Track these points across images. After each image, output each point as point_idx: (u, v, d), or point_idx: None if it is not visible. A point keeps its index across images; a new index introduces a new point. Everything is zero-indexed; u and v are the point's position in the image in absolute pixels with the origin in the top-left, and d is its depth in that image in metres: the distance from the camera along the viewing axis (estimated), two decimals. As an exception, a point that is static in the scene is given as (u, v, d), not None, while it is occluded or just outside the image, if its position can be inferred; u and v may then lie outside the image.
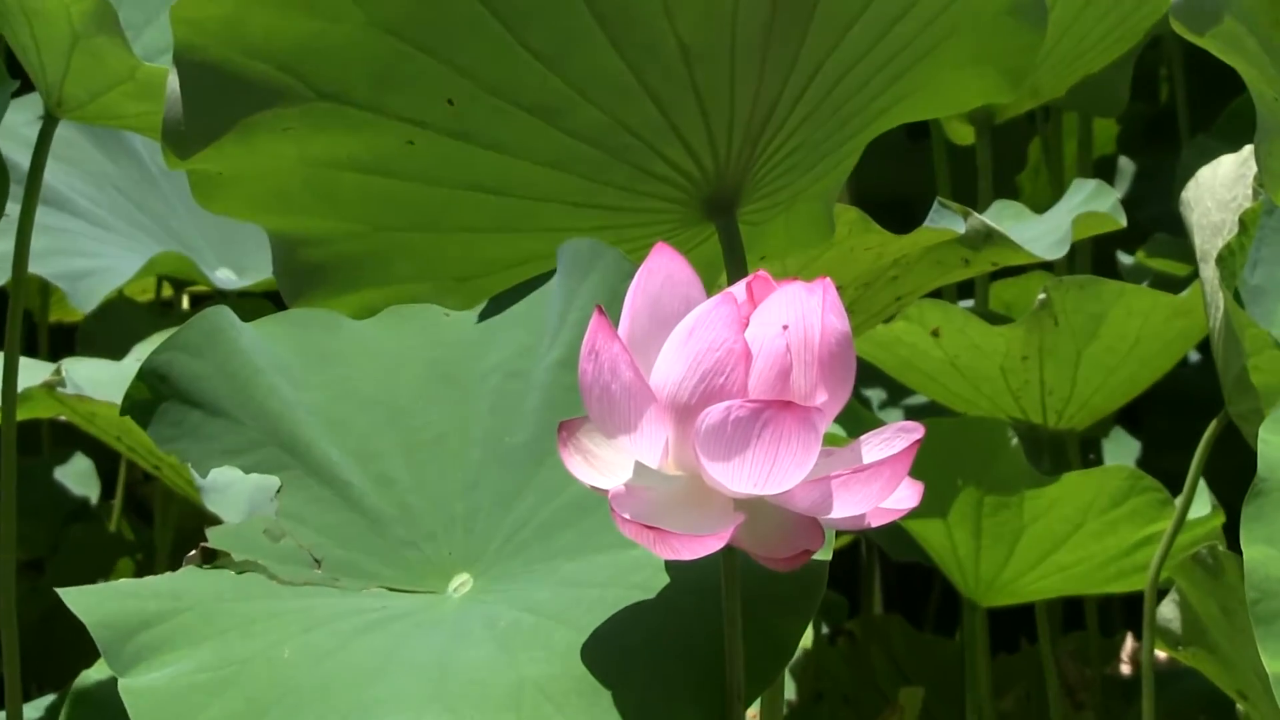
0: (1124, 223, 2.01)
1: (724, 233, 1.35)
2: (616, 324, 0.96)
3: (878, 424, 2.17)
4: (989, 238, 1.78)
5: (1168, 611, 1.75)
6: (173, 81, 1.31)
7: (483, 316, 1.22)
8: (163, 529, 2.59)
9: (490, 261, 1.43)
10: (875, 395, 2.69)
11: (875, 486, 0.93)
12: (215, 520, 1.71)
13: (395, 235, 1.41)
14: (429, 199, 1.38)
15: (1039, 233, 2.00)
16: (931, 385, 2.25)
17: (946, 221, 1.77)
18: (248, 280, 2.60)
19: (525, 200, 1.38)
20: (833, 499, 0.93)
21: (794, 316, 0.93)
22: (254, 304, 2.71)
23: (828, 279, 0.95)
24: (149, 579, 1.08)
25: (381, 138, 1.33)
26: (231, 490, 1.75)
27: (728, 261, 1.34)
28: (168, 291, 3.04)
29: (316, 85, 1.30)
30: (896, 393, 2.67)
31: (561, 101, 1.31)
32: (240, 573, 1.10)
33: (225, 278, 2.60)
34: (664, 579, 1.04)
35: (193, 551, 1.10)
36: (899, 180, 3.18)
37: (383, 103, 1.31)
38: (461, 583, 1.09)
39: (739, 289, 0.96)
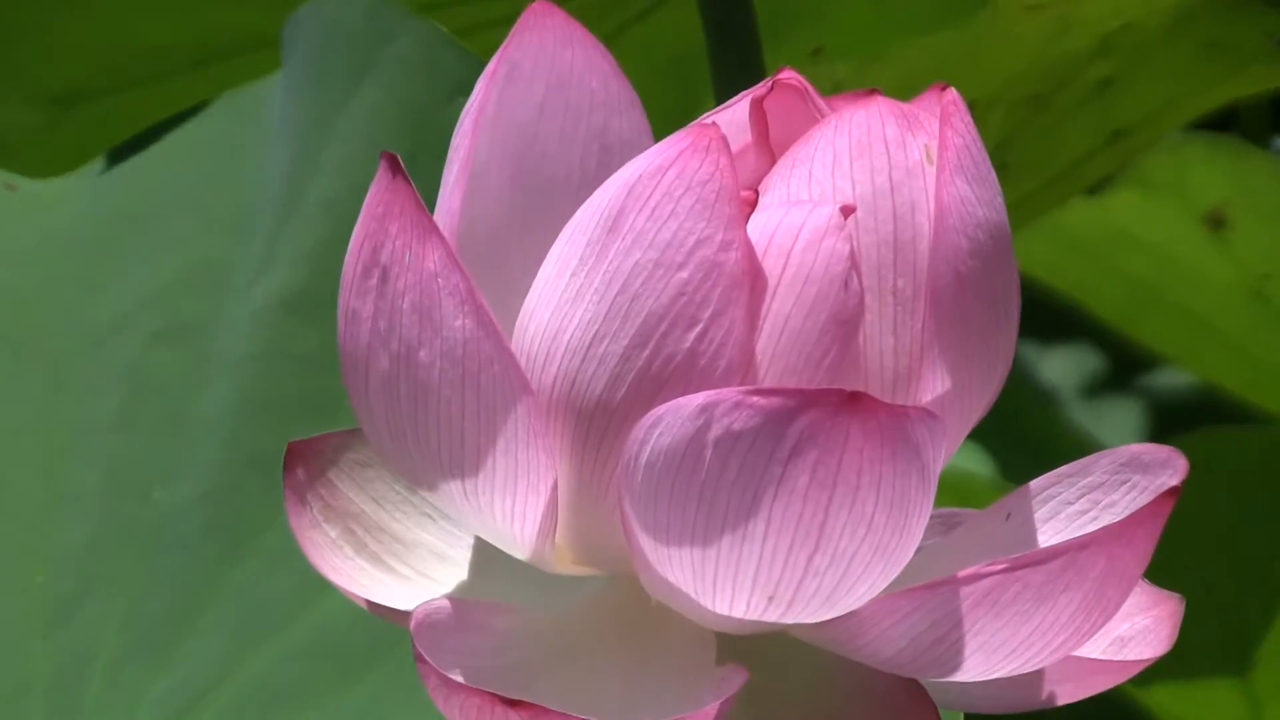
0: None
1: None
2: (431, 204, 0.98)
3: (1073, 451, 2.19)
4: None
5: None
6: None
7: (99, 192, 1.23)
8: None
9: (135, 54, 1.47)
10: (1063, 369, 2.75)
11: (1067, 605, 0.96)
12: None
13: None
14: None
15: None
16: (1206, 344, 2.30)
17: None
18: None
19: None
20: (961, 635, 0.96)
21: (869, 184, 0.96)
22: None
23: (950, 90, 0.97)
24: None
25: None
26: None
27: (714, 53, 1.39)
28: None
29: None
30: (1118, 360, 2.75)
31: None
32: None
33: None
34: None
35: None
36: None
37: None
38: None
39: (734, 114, 1.00)
